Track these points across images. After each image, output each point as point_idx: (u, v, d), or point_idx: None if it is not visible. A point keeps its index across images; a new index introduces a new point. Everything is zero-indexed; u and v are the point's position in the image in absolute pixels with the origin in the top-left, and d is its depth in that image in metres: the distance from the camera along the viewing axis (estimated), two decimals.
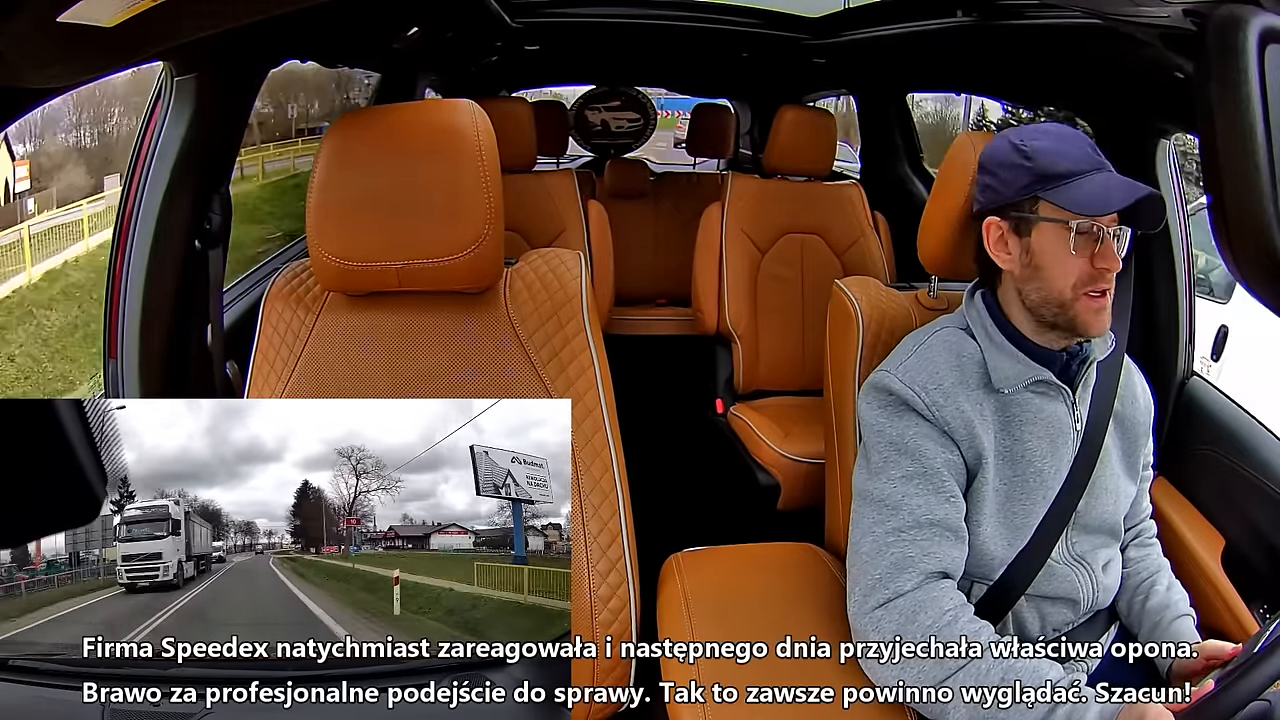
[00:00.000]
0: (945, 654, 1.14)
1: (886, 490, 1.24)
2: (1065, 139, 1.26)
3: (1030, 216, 1.26)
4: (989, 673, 1.12)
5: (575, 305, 1.38)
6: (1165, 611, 1.35)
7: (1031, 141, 1.26)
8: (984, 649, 1.14)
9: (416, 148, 1.27)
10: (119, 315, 1.52)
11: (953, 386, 1.26)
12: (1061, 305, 1.25)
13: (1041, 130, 1.30)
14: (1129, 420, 1.36)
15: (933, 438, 1.25)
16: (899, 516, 1.22)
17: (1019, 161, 1.26)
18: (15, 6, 0.83)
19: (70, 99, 3.56)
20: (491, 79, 4.51)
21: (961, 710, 1.12)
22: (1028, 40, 2.00)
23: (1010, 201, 1.27)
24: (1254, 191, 0.85)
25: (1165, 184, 1.88)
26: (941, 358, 1.29)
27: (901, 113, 3.62)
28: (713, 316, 2.77)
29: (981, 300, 1.33)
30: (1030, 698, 1.10)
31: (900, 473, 1.24)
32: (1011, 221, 1.28)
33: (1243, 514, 1.68)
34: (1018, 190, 1.26)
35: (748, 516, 2.52)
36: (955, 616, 1.17)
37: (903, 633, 1.17)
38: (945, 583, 1.21)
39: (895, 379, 1.28)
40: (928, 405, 1.25)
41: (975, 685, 1.12)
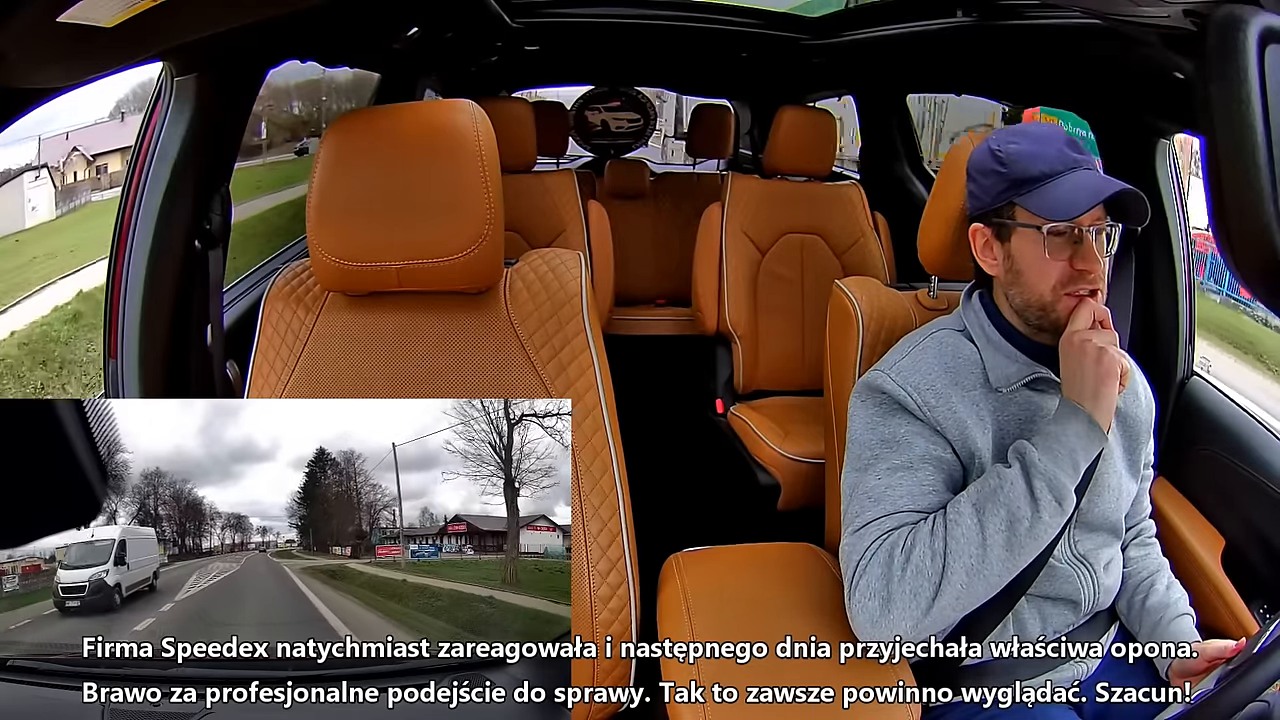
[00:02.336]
0: (929, 562, 1.16)
1: (872, 483, 1.24)
2: (1041, 140, 1.26)
3: (1008, 223, 1.26)
4: (969, 524, 1.16)
5: (575, 305, 1.38)
6: (1165, 610, 1.35)
7: (1007, 146, 1.26)
8: (947, 520, 1.18)
9: (416, 148, 1.27)
10: (119, 315, 1.52)
11: (946, 388, 1.26)
12: (1043, 308, 1.25)
13: (1019, 132, 1.29)
14: (1131, 419, 1.36)
15: (924, 435, 1.25)
16: (880, 506, 1.23)
17: (995, 167, 1.27)
18: (15, 6, 0.83)
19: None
20: (491, 79, 4.51)
21: (981, 564, 1.15)
22: (1028, 40, 2.00)
23: (991, 208, 1.28)
24: (1254, 191, 0.85)
25: (1165, 184, 1.88)
26: (936, 359, 1.29)
27: (901, 113, 3.62)
28: (712, 316, 2.77)
29: (979, 300, 1.34)
30: (1004, 496, 1.16)
31: (886, 465, 1.25)
32: (993, 228, 1.29)
33: (1243, 514, 1.68)
34: (995, 196, 1.27)
35: (748, 516, 2.52)
36: (914, 529, 1.19)
37: (890, 587, 1.17)
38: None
39: (888, 378, 1.28)
40: (920, 405, 1.26)
41: (970, 550, 1.15)
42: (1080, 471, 1.18)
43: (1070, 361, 1.20)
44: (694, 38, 3.44)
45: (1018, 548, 1.16)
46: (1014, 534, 1.15)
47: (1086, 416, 1.18)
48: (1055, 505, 1.16)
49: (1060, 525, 1.18)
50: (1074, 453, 1.17)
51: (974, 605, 1.20)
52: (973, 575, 1.15)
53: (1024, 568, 1.20)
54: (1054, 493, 1.16)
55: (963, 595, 1.16)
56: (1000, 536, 1.15)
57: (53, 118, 2.50)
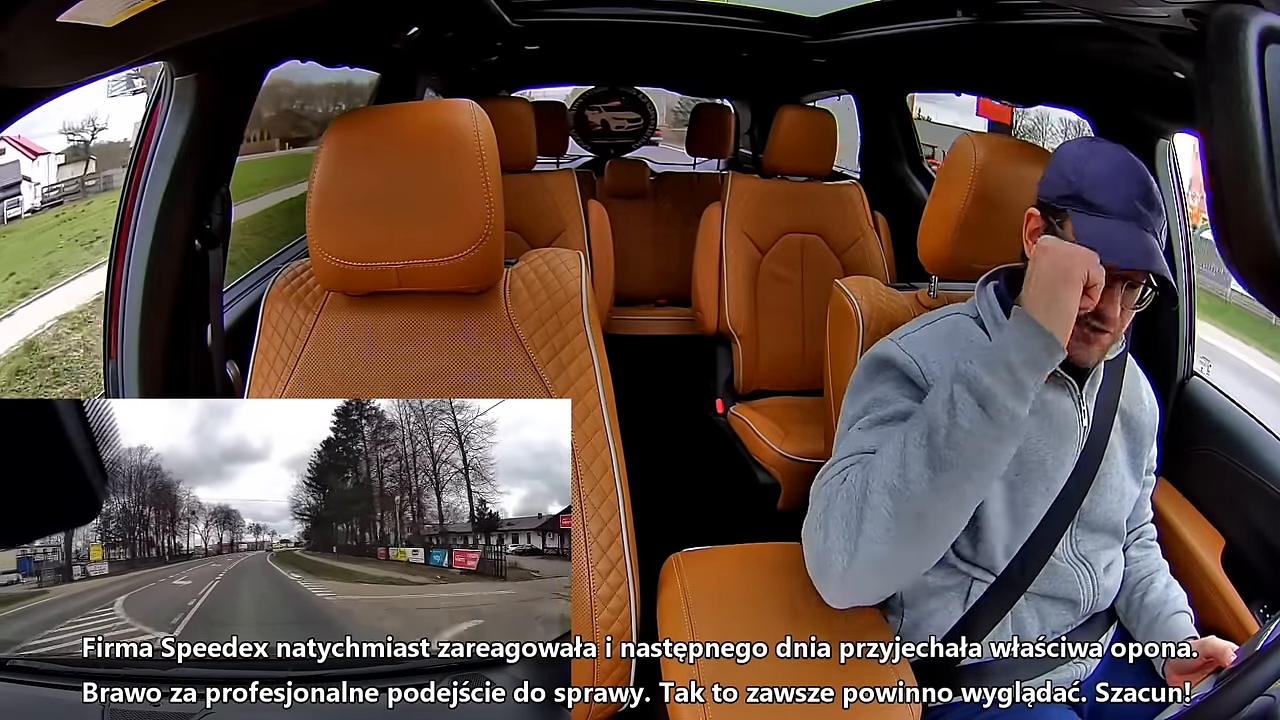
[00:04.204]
0: (858, 487, 1.12)
1: (852, 434, 1.23)
2: (1121, 174, 1.22)
3: (1057, 225, 1.24)
4: (894, 443, 1.11)
5: (575, 305, 1.38)
6: (1163, 607, 1.35)
7: (1090, 159, 1.23)
8: (894, 447, 1.11)
9: (416, 148, 1.27)
10: (119, 315, 1.52)
11: (951, 363, 1.26)
12: None
13: (1107, 153, 1.24)
14: (1135, 421, 1.36)
15: (915, 397, 1.23)
16: (847, 448, 1.21)
17: (1068, 174, 1.23)
18: (15, 6, 0.83)
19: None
20: (491, 79, 4.51)
21: (927, 477, 1.08)
22: (1028, 40, 2.00)
23: (1051, 201, 1.26)
24: (1254, 191, 0.85)
25: (1165, 184, 1.88)
26: (947, 338, 1.30)
27: (901, 113, 3.62)
28: (713, 316, 2.77)
29: (993, 290, 1.34)
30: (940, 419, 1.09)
31: (869, 418, 1.22)
32: (1045, 222, 1.26)
33: (1243, 514, 1.68)
34: (1058, 198, 1.24)
35: (748, 516, 2.52)
36: (860, 462, 1.15)
37: (827, 514, 1.14)
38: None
39: (895, 346, 1.28)
40: (922, 372, 1.25)
41: (889, 467, 1.10)
42: (1021, 383, 1.08)
43: (1035, 263, 1.14)
44: (694, 37, 3.44)
45: (938, 462, 1.07)
46: (932, 446, 1.08)
47: (1028, 319, 1.10)
48: (978, 411, 1.07)
49: (997, 440, 1.07)
50: (1008, 356, 1.08)
51: (908, 546, 1.10)
52: (895, 496, 1.08)
53: (966, 497, 1.10)
54: (974, 395, 1.07)
55: (890, 526, 1.08)
56: (919, 451, 1.08)
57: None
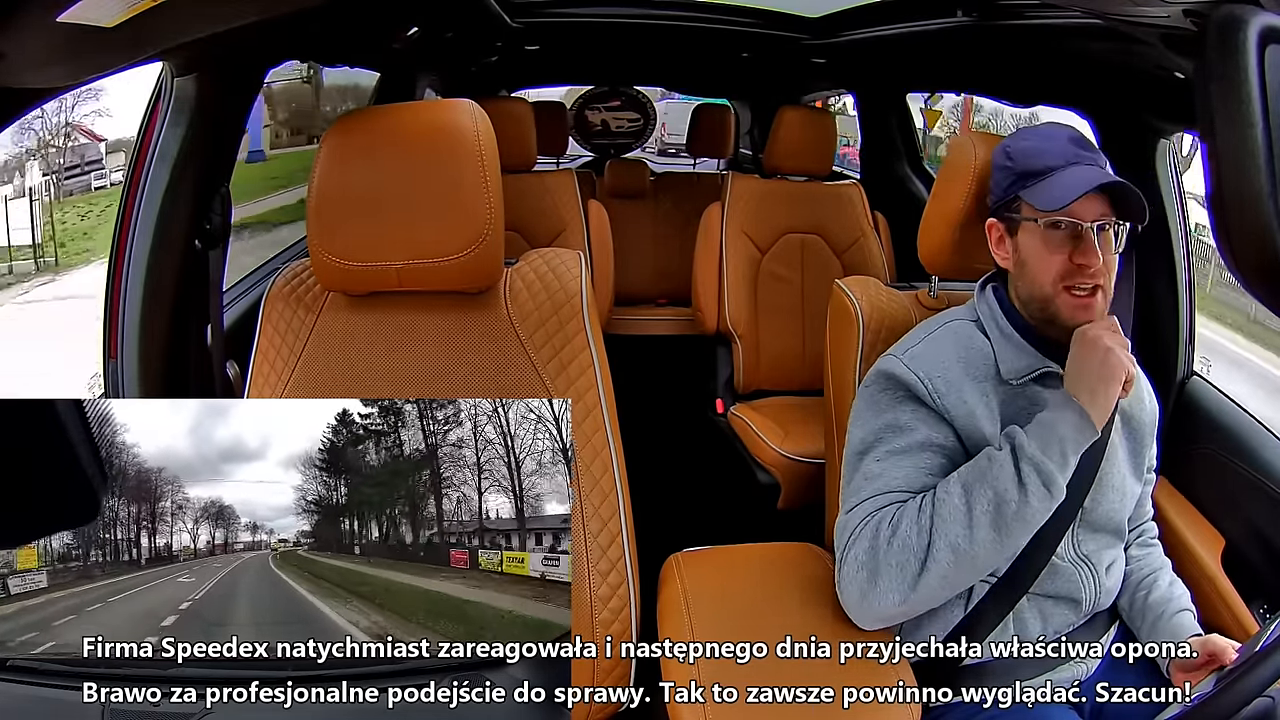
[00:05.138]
0: (915, 537, 1.18)
1: (870, 465, 1.26)
2: (1048, 137, 1.30)
3: (1015, 217, 1.30)
4: (956, 502, 1.17)
5: (575, 305, 1.38)
6: (1167, 605, 1.35)
7: (1016, 142, 1.32)
8: (935, 497, 1.19)
9: (416, 148, 1.27)
10: (119, 315, 1.52)
11: (958, 376, 1.27)
12: (1044, 300, 1.27)
13: (1030, 130, 1.34)
14: (1136, 420, 1.36)
15: (928, 422, 1.26)
16: (874, 485, 1.24)
17: (1004, 163, 1.32)
18: (15, 6, 0.83)
19: None
20: (491, 79, 4.51)
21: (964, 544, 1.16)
22: (1028, 40, 2.00)
23: (1002, 202, 1.32)
24: (1254, 191, 0.85)
25: (1165, 184, 1.88)
26: (949, 347, 1.30)
27: (901, 112, 3.62)
28: (713, 316, 2.77)
29: (992, 293, 1.34)
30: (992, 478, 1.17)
31: (886, 448, 1.26)
32: (1006, 223, 1.32)
33: (1243, 514, 1.68)
34: (1004, 191, 1.31)
35: (747, 516, 2.52)
36: (903, 505, 1.21)
37: (877, 559, 1.19)
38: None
39: (901, 364, 1.29)
40: (930, 392, 1.26)
41: (956, 528, 1.17)
42: (1069, 463, 1.19)
43: (1078, 354, 1.22)
44: (694, 37, 3.44)
45: (1004, 530, 1.16)
46: (1000, 516, 1.16)
47: (1080, 409, 1.19)
48: (1043, 491, 1.17)
49: (1049, 512, 1.19)
50: (1064, 442, 1.18)
51: (960, 587, 1.21)
52: (959, 554, 1.16)
53: (1014, 556, 1.22)
54: (1041, 478, 1.17)
55: (949, 575, 1.17)
56: (986, 517, 1.16)
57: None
